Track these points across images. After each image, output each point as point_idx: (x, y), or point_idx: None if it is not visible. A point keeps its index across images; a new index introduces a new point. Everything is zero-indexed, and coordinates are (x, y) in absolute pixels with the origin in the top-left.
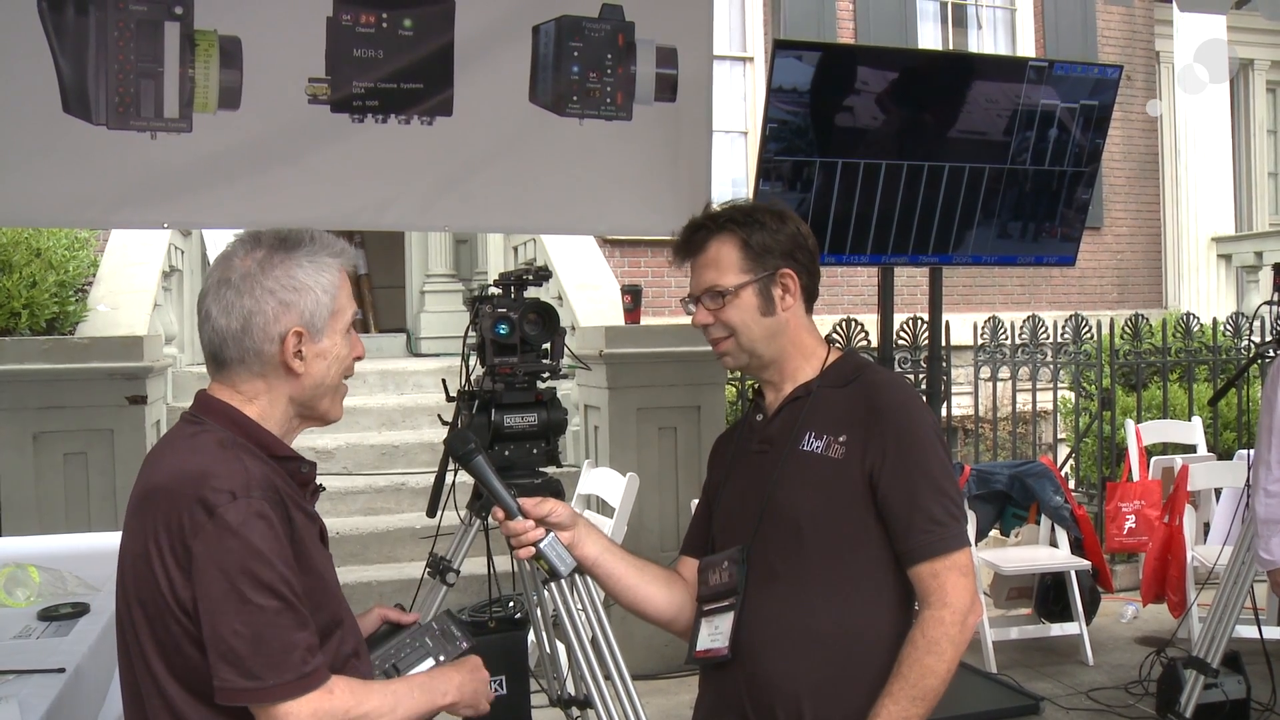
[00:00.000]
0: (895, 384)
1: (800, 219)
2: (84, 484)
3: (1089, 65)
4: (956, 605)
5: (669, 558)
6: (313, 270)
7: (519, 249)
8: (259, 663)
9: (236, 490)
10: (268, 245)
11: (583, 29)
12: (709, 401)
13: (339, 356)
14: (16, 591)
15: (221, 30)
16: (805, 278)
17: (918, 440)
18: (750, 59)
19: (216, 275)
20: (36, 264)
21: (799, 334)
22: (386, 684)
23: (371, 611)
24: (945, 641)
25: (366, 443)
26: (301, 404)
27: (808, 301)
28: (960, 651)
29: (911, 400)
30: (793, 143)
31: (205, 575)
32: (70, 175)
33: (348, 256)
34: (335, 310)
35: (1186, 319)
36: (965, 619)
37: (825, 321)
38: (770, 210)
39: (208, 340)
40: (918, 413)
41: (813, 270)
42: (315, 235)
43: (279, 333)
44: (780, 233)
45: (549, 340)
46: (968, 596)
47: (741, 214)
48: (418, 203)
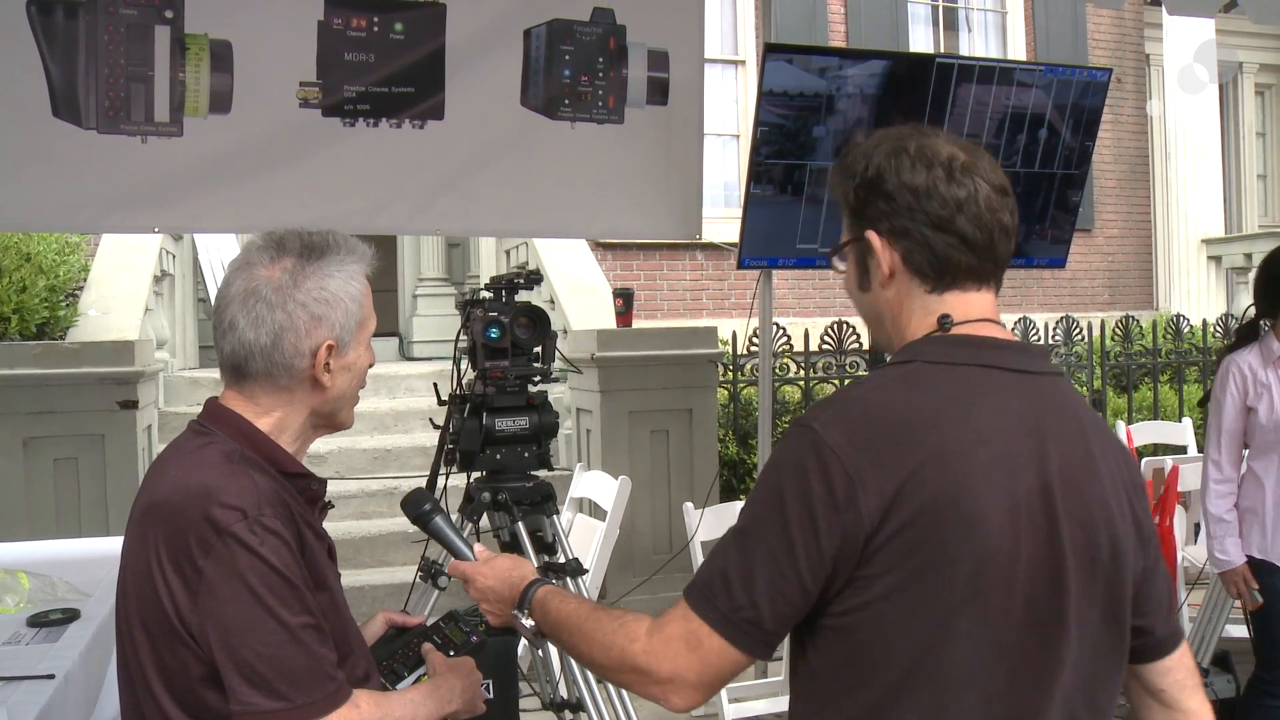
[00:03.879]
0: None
1: (931, 159)
2: (75, 489)
3: (1079, 68)
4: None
5: (660, 560)
6: (343, 280)
7: (511, 252)
8: (285, 683)
9: (247, 508)
10: (294, 253)
11: (574, 32)
12: (701, 404)
13: (362, 368)
14: (6, 598)
15: (212, 34)
16: (905, 248)
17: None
18: (742, 62)
19: (241, 284)
20: (27, 269)
21: (902, 324)
22: (404, 694)
23: (376, 617)
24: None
25: (359, 447)
26: (322, 415)
27: (925, 279)
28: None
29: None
30: (784, 146)
31: (219, 596)
32: (60, 180)
33: (369, 258)
34: (362, 320)
35: (1177, 320)
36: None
37: (817, 324)
38: (873, 149)
39: (231, 351)
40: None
41: (922, 236)
42: (338, 239)
43: (311, 347)
44: (873, 184)
45: (540, 344)
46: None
47: (845, 158)
48: (410, 207)
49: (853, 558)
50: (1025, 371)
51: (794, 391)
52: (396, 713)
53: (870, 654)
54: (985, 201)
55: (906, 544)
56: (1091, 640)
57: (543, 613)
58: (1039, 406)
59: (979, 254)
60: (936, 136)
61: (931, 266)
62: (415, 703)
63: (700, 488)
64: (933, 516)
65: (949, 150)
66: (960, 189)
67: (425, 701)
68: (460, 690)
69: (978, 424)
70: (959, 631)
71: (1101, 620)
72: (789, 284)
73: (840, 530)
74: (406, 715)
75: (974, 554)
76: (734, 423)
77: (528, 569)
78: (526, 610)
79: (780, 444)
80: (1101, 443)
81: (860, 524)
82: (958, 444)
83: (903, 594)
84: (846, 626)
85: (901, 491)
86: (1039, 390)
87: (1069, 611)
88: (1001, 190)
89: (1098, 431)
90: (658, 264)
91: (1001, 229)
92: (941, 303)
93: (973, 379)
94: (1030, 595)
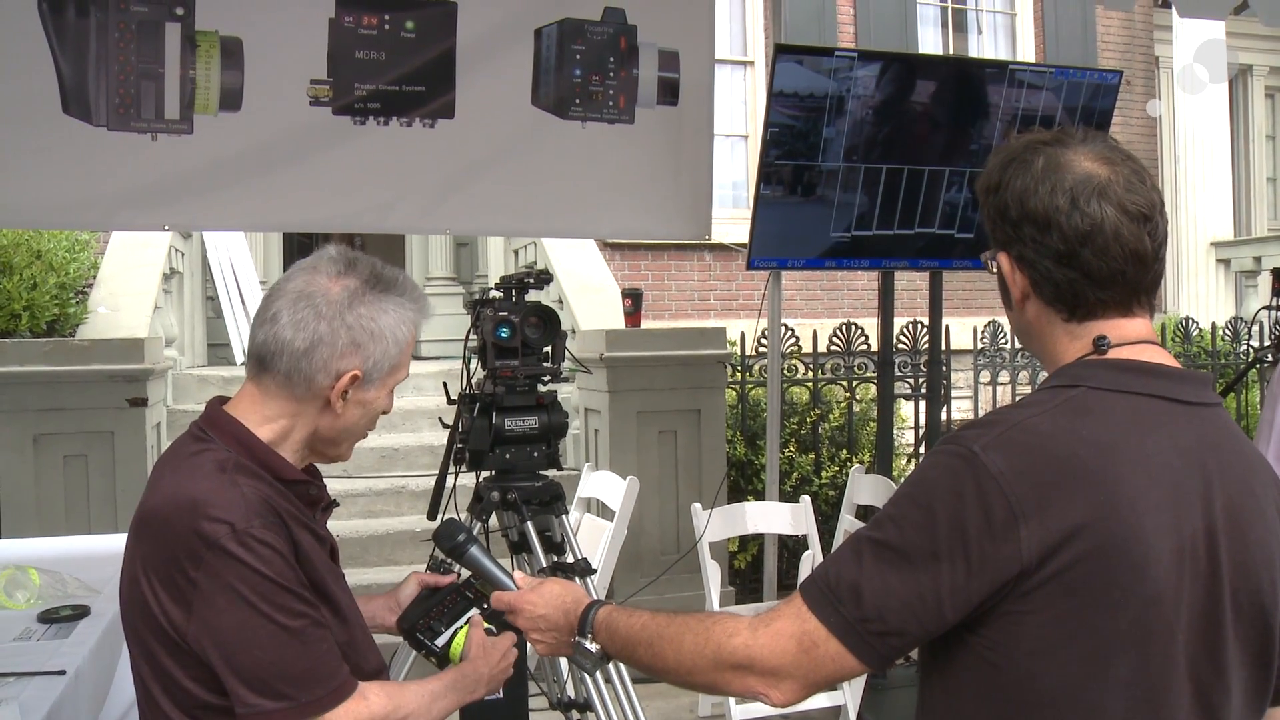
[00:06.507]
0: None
1: (1061, 172)
2: (84, 486)
3: (1088, 70)
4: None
5: (668, 560)
6: (395, 321)
7: (520, 252)
8: (286, 683)
9: (234, 521)
10: (362, 276)
11: (585, 32)
12: (709, 405)
13: (377, 409)
14: (16, 594)
15: (223, 31)
16: (1043, 268)
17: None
18: (751, 63)
19: (300, 284)
20: (37, 266)
21: (1050, 345)
22: (422, 684)
23: (409, 580)
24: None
25: (366, 445)
26: (322, 439)
27: (1060, 308)
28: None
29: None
30: (794, 147)
31: (215, 606)
32: (70, 177)
33: (426, 312)
34: (396, 365)
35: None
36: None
37: (826, 325)
38: (1009, 157)
39: (262, 342)
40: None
41: (1050, 271)
42: (407, 282)
43: (338, 369)
44: (997, 195)
45: (550, 343)
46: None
47: (993, 154)
48: (420, 206)
49: (1003, 590)
50: (1193, 403)
51: (802, 392)
52: (410, 704)
53: (1018, 691)
54: (1113, 231)
55: (1069, 583)
56: (1242, 686)
57: (610, 633)
58: (1204, 441)
59: (1107, 288)
60: (1074, 148)
61: (1059, 299)
62: (435, 694)
63: (708, 488)
64: (1101, 559)
65: (1083, 169)
66: (1085, 220)
67: (446, 694)
68: (486, 679)
69: (1149, 462)
70: (1117, 678)
71: (1252, 665)
72: (798, 285)
73: (994, 562)
74: (422, 707)
75: (1141, 598)
76: (742, 423)
77: (579, 591)
78: (590, 634)
79: (930, 460)
80: (1263, 478)
81: (1017, 558)
82: (1131, 484)
83: (1060, 633)
84: (994, 661)
85: (1070, 533)
86: (1204, 423)
87: (1228, 662)
88: (1139, 215)
89: (1260, 466)
90: (666, 264)
91: (1137, 259)
92: (1085, 329)
93: (1141, 410)
94: (1190, 641)
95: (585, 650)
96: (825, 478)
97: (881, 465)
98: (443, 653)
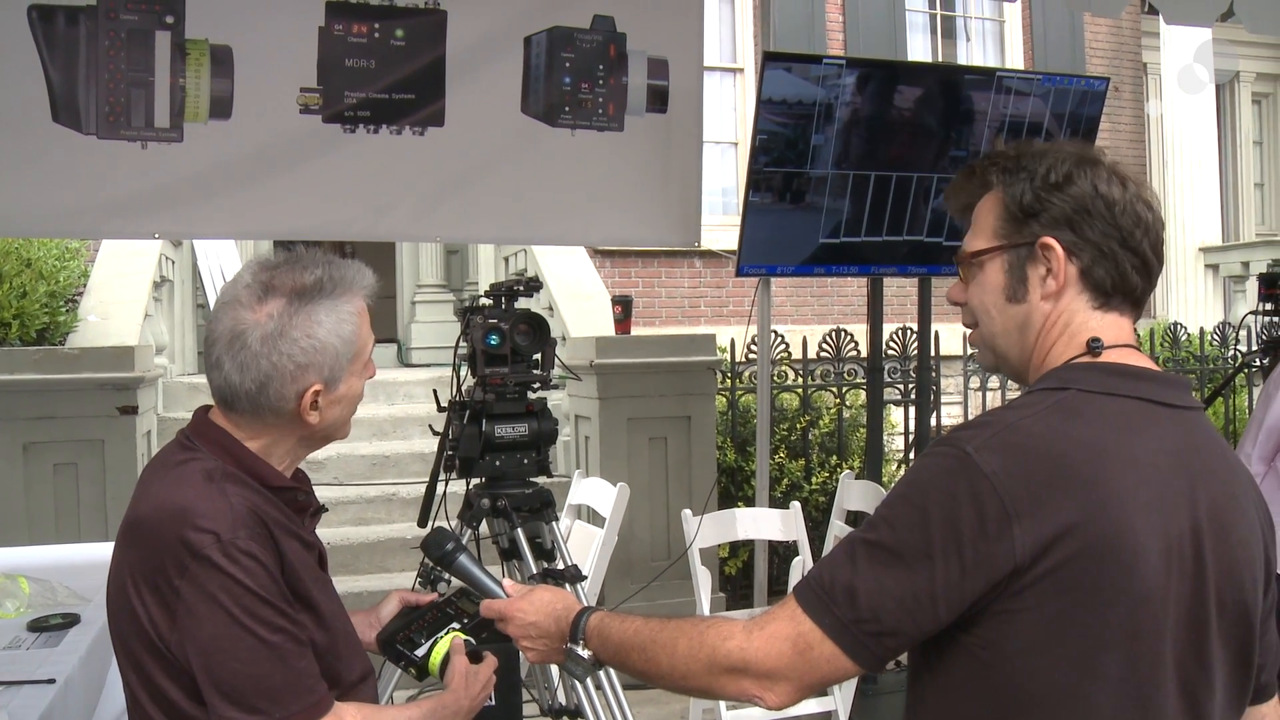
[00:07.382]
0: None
1: (1125, 177)
2: (74, 494)
3: (1076, 77)
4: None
5: (658, 567)
6: (333, 324)
7: (510, 259)
8: (262, 698)
9: (220, 531)
10: (284, 294)
11: (574, 40)
12: (699, 411)
13: (355, 395)
14: (6, 603)
15: (213, 39)
16: (1088, 259)
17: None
18: (740, 70)
19: (228, 324)
20: (27, 274)
21: (1048, 343)
22: (401, 710)
23: (390, 598)
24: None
25: (357, 453)
26: (313, 439)
27: (1097, 295)
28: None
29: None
30: (783, 154)
31: (197, 616)
32: (60, 185)
33: (367, 286)
34: (355, 354)
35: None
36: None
37: (816, 331)
38: (1062, 155)
39: (218, 388)
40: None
41: (1110, 250)
42: (331, 276)
43: (297, 391)
44: (1062, 189)
45: (540, 351)
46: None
47: (1011, 159)
48: (410, 213)
49: (996, 589)
50: (1176, 406)
51: (792, 399)
52: None
53: (1010, 689)
54: (1158, 230)
55: (1061, 582)
56: (1225, 684)
57: (602, 639)
58: (1189, 444)
59: (1147, 278)
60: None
61: (1111, 283)
62: (412, 718)
63: (699, 495)
64: (1093, 558)
65: (1131, 173)
66: (1148, 211)
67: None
68: (466, 711)
69: (1138, 463)
70: (1108, 675)
71: (1234, 664)
72: (788, 292)
73: (988, 561)
74: None
75: (1131, 596)
76: (732, 430)
77: (570, 598)
78: (582, 641)
79: (924, 461)
80: (1243, 481)
81: (1011, 556)
82: (1120, 485)
83: (1051, 631)
84: (985, 659)
85: (1062, 531)
86: (1187, 426)
87: (1212, 660)
88: (1160, 221)
89: (1239, 470)
90: (656, 271)
91: (1159, 258)
92: (1103, 322)
93: (1129, 412)
94: (1177, 638)
95: (577, 657)
96: (815, 484)
97: (871, 471)
98: (422, 663)
